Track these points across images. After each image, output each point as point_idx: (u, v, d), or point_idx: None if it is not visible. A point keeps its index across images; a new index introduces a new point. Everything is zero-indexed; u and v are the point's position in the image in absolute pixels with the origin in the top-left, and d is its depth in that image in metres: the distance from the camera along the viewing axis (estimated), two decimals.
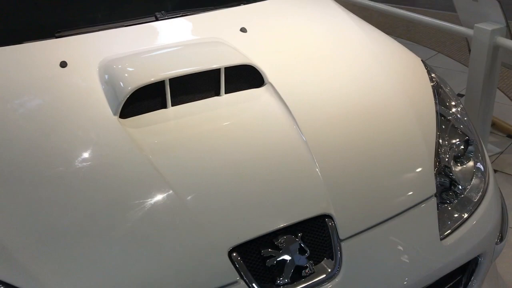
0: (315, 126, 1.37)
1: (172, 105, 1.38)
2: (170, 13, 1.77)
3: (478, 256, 1.36)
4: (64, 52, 1.55)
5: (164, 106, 1.38)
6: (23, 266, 1.04)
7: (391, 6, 3.28)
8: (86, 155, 1.24)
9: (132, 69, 1.42)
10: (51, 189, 1.15)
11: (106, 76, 1.42)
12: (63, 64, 1.50)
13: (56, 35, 1.62)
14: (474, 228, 1.35)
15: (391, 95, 1.54)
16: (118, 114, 1.32)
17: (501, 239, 1.44)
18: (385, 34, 1.91)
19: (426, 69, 1.72)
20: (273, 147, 1.31)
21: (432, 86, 1.64)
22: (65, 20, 1.74)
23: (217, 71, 1.43)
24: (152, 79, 1.34)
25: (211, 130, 1.35)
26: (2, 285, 1.03)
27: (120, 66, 1.43)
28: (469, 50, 2.96)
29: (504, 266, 1.88)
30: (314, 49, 1.69)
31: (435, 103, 1.57)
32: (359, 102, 1.49)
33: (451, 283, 1.35)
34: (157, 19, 1.75)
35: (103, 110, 1.34)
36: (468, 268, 1.37)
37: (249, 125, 1.38)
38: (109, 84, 1.39)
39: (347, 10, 1.99)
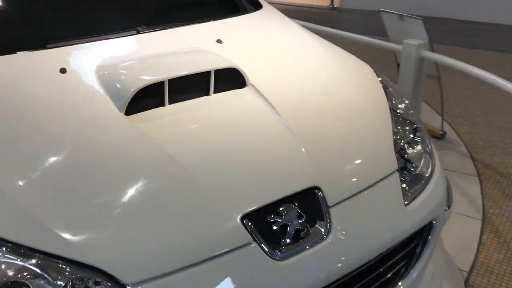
0: (294, 115, 1.56)
1: (169, 104, 1.53)
2: (149, 28, 1.92)
3: (433, 219, 1.61)
4: (61, 60, 1.65)
5: (162, 104, 1.52)
6: (57, 235, 1.12)
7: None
8: (105, 143, 1.35)
9: (134, 71, 1.55)
10: (78, 170, 1.26)
11: (108, 79, 1.54)
12: (63, 70, 1.59)
13: (48, 46, 1.71)
14: (429, 197, 1.59)
15: (353, 93, 1.78)
16: (124, 111, 1.44)
17: (448, 207, 1.70)
18: (337, 46, 2.17)
19: (375, 72, 1.99)
20: (262, 133, 1.49)
21: (382, 86, 1.91)
22: (53, 34, 1.83)
23: (207, 74, 1.59)
24: (155, 79, 1.48)
25: (207, 123, 1.51)
26: (38, 253, 1.10)
27: (121, 70, 1.56)
28: (397, 64, 3.34)
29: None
30: (284, 56, 1.91)
31: (387, 99, 1.83)
32: (327, 97, 1.71)
33: (414, 244, 1.58)
34: (138, 33, 1.89)
35: (109, 108, 1.45)
36: (425, 231, 1.61)
37: (239, 117, 1.55)
38: (112, 85, 1.51)
39: (304, 28, 2.24)
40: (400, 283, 1.52)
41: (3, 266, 1.10)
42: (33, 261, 1.10)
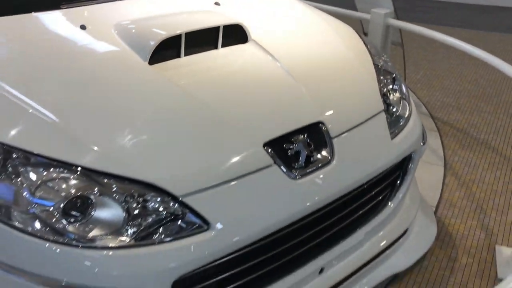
0: (292, 64, 1.75)
1: (185, 56, 1.69)
2: None
3: (412, 152, 1.86)
4: (79, 18, 1.77)
5: (178, 56, 1.68)
6: (114, 157, 1.28)
7: None
8: (139, 85, 1.51)
9: (154, 26, 1.69)
10: (123, 106, 1.42)
11: (129, 33, 1.67)
12: (83, 27, 1.72)
13: (62, 6, 1.82)
14: (409, 134, 1.83)
15: (341, 47, 1.99)
16: (148, 61, 1.59)
17: (424, 143, 1.96)
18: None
19: (356, 32, 2.22)
20: (268, 78, 1.68)
21: (364, 44, 2.13)
22: None
23: (215, 30, 1.75)
24: (175, 32, 1.64)
25: (220, 71, 1.69)
26: (99, 173, 1.25)
27: (141, 25, 1.70)
28: (364, 33, 3.58)
29: None
30: (277, 16, 2.10)
31: (369, 54, 2.05)
32: (320, 49, 1.92)
33: (398, 173, 1.84)
34: None
35: (134, 58, 1.60)
36: (406, 162, 1.86)
37: (246, 66, 1.73)
38: (135, 38, 1.65)
39: None
40: (390, 203, 1.77)
41: (64, 186, 1.25)
42: (95, 180, 1.26)
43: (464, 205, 2.49)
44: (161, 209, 1.27)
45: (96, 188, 1.25)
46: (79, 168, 1.25)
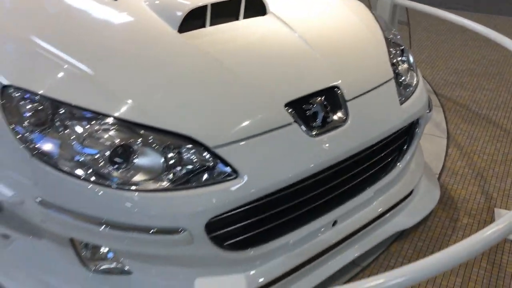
0: (309, 34, 1.85)
1: (210, 25, 1.79)
2: None
3: (419, 118, 1.97)
4: None
5: (203, 26, 1.78)
6: (152, 111, 1.40)
7: None
8: (171, 50, 1.62)
9: None
10: (159, 67, 1.54)
11: (159, 4, 1.78)
12: None
13: None
14: (416, 100, 1.94)
15: (354, 21, 2.09)
16: (177, 29, 1.70)
17: (430, 110, 2.07)
18: None
19: (367, 8, 2.31)
20: (287, 47, 1.78)
21: (374, 18, 2.23)
22: None
23: (237, 2, 1.85)
24: (202, 3, 1.74)
25: (243, 40, 1.79)
26: (139, 126, 1.37)
27: None
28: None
29: None
30: None
31: (380, 28, 2.15)
32: (334, 22, 2.02)
33: (405, 137, 1.95)
34: None
35: (165, 27, 1.70)
36: (413, 127, 1.97)
37: (267, 36, 1.83)
38: (165, 8, 1.75)
39: None
40: (398, 164, 1.89)
41: (108, 136, 1.37)
42: (136, 132, 1.38)
43: (465, 173, 2.60)
44: (195, 158, 1.39)
45: (139, 139, 1.36)
46: (121, 121, 1.37)
